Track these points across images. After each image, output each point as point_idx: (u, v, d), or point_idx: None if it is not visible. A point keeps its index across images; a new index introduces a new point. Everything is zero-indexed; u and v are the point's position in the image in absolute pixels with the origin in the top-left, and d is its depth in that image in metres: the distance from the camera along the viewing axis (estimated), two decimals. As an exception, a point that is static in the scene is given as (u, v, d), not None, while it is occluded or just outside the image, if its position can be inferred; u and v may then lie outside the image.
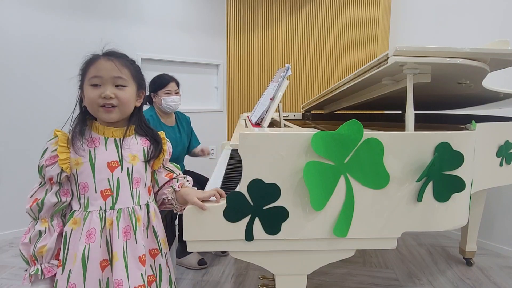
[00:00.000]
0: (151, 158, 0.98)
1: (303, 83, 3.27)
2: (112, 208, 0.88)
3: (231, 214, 0.94)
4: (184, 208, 0.94)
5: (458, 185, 1.03)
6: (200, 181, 2.04)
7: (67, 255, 0.86)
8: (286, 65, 1.44)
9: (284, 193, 0.95)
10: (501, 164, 1.65)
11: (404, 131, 1.08)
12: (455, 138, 1.01)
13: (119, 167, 0.90)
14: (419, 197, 1.00)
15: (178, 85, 2.11)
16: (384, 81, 1.35)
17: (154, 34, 2.98)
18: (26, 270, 0.87)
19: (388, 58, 1.06)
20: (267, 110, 1.43)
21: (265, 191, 0.94)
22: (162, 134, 1.05)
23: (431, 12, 2.62)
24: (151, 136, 1.00)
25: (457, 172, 1.02)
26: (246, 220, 0.95)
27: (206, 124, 3.43)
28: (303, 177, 0.92)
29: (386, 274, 1.99)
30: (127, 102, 0.91)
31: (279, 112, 1.60)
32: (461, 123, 1.58)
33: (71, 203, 0.91)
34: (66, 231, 0.87)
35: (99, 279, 0.86)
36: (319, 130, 0.94)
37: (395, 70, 1.15)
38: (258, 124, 1.53)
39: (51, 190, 0.88)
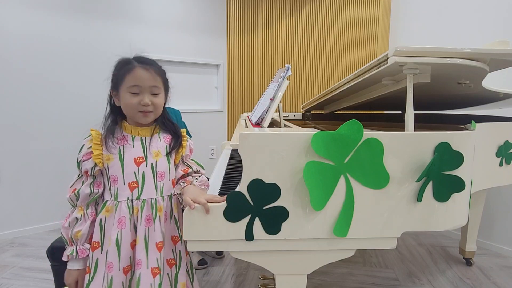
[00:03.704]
0: (171, 150, 1.08)
1: (303, 83, 3.27)
2: (138, 198, 1.00)
3: (231, 214, 0.95)
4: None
5: (458, 185, 1.03)
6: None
7: (104, 237, 1.00)
8: (286, 65, 1.44)
9: (284, 193, 0.95)
10: (500, 164, 1.66)
11: (404, 131, 1.08)
12: (455, 138, 1.01)
13: (144, 162, 1.02)
14: (419, 197, 1.00)
15: None
16: (384, 81, 1.35)
17: (154, 34, 2.98)
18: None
19: (388, 58, 1.06)
20: (267, 110, 1.43)
21: (265, 191, 0.94)
22: (183, 131, 1.14)
23: (431, 12, 2.62)
24: (172, 131, 1.10)
25: (457, 172, 1.02)
26: (246, 220, 0.95)
27: (206, 124, 3.43)
28: (303, 177, 0.92)
29: (386, 274, 1.99)
30: (160, 107, 1.05)
31: (279, 112, 1.60)
32: (461, 123, 1.58)
33: (103, 193, 1.03)
34: (101, 218, 1.00)
35: (130, 257, 1.01)
36: (319, 130, 0.94)
37: (395, 70, 1.16)
38: (258, 124, 1.53)
39: (86, 182, 1.00)
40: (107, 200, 1.00)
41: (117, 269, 0.98)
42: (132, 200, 1.00)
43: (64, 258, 1.02)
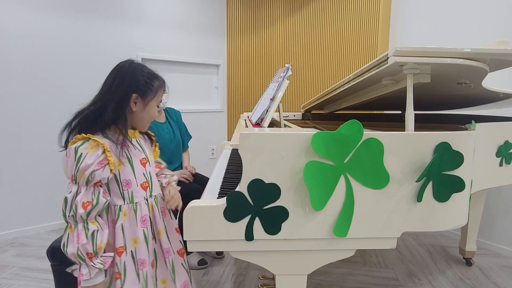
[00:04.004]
0: (151, 147, 1.18)
1: (303, 83, 3.27)
2: (150, 196, 1.09)
3: (231, 214, 0.95)
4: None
5: (458, 185, 1.03)
6: (200, 181, 2.04)
7: (126, 241, 1.02)
8: (286, 65, 1.44)
9: (284, 193, 0.95)
10: (500, 164, 1.66)
11: (404, 131, 1.08)
12: (455, 138, 1.01)
13: (148, 162, 1.10)
14: (419, 197, 1.00)
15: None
16: (384, 81, 1.35)
17: (154, 34, 2.98)
18: (75, 269, 0.95)
19: (388, 58, 1.06)
20: (267, 110, 1.43)
21: (265, 191, 0.94)
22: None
23: (431, 12, 2.62)
24: (146, 132, 1.17)
25: (457, 172, 1.03)
26: (246, 220, 0.95)
27: (206, 124, 3.43)
28: (303, 177, 0.92)
29: (386, 274, 1.99)
30: None
31: (279, 112, 1.60)
32: (461, 123, 1.58)
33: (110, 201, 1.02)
34: (122, 224, 1.01)
35: (154, 249, 1.09)
36: (319, 130, 0.95)
37: (395, 70, 1.16)
38: (258, 124, 1.53)
39: (99, 191, 0.95)
40: (121, 205, 1.02)
41: (148, 264, 1.06)
42: (147, 198, 1.07)
43: (86, 276, 0.93)
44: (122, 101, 0.99)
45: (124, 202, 1.02)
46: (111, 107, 0.98)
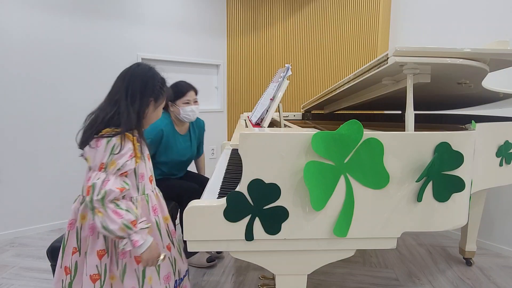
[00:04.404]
0: None
1: (303, 83, 3.27)
2: (155, 188, 1.20)
3: (231, 214, 0.95)
4: None
5: (458, 185, 1.03)
6: (200, 181, 2.04)
7: None
8: (286, 65, 1.44)
9: (284, 193, 0.95)
10: (500, 164, 1.66)
11: (404, 131, 1.08)
12: (455, 138, 1.01)
13: (150, 158, 1.19)
14: (419, 197, 1.00)
15: (196, 93, 1.97)
16: (384, 81, 1.35)
17: (154, 34, 2.98)
18: (126, 243, 1.00)
19: (388, 58, 1.06)
20: (267, 110, 1.43)
21: (265, 191, 0.94)
22: None
23: (431, 12, 2.62)
24: None
25: (457, 172, 1.03)
26: (246, 220, 0.95)
27: (206, 124, 3.43)
28: (303, 177, 0.92)
29: (386, 274, 1.99)
30: None
31: (279, 112, 1.60)
32: (461, 123, 1.58)
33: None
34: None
35: (166, 230, 1.21)
36: (319, 130, 0.95)
37: (395, 70, 1.16)
38: (258, 124, 1.53)
39: (124, 179, 1.03)
40: (136, 196, 1.09)
41: (162, 247, 1.15)
42: (153, 190, 1.17)
43: (141, 241, 1.01)
44: (141, 105, 1.08)
45: (138, 193, 1.10)
46: (132, 110, 1.05)
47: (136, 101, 1.07)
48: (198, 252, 2.00)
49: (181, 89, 1.89)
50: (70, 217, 1.10)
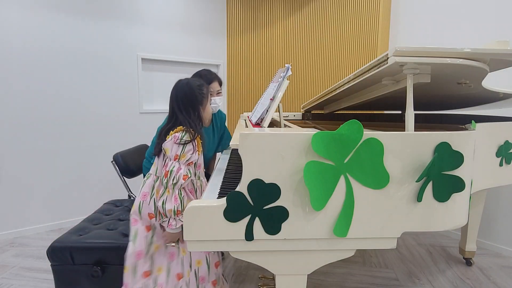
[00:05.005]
0: None
1: (303, 83, 3.27)
2: (204, 177, 1.45)
3: (231, 214, 0.95)
4: None
5: (458, 185, 1.03)
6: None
7: None
8: (286, 65, 1.44)
9: (284, 193, 0.95)
10: (500, 164, 1.66)
11: (404, 131, 1.08)
12: (455, 138, 1.01)
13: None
14: (419, 197, 1.00)
15: (220, 84, 1.90)
16: (384, 81, 1.35)
17: (154, 34, 2.98)
18: (165, 221, 1.26)
19: (388, 58, 1.06)
20: (267, 110, 1.43)
21: (265, 191, 0.94)
22: None
23: (431, 12, 2.62)
24: None
25: (457, 172, 1.03)
26: (246, 220, 0.95)
27: (206, 124, 3.43)
28: (303, 177, 0.92)
29: (386, 274, 1.99)
30: None
31: (279, 112, 1.60)
32: (461, 123, 1.58)
33: None
34: (196, 193, 1.37)
35: None
36: (319, 130, 0.95)
37: (395, 70, 1.16)
38: (258, 124, 1.53)
39: (189, 170, 1.28)
40: (192, 180, 1.34)
41: None
42: (204, 177, 1.44)
43: (173, 226, 1.25)
44: (195, 114, 1.36)
45: (195, 178, 1.37)
46: (191, 119, 1.34)
47: (190, 113, 1.35)
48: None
49: (205, 80, 1.77)
50: (144, 190, 1.34)
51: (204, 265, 1.38)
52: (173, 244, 1.34)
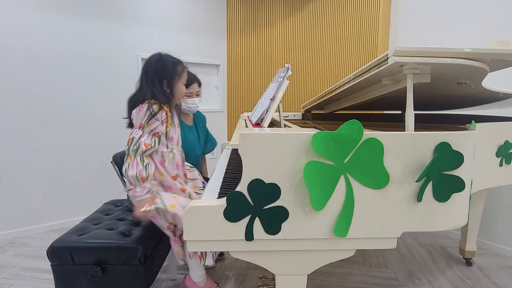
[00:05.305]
0: None
1: (303, 83, 3.27)
2: (180, 150, 1.57)
3: (231, 214, 0.95)
4: None
5: (458, 185, 1.03)
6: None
7: (169, 174, 1.49)
8: (286, 65, 1.44)
9: (284, 193, 0.95)
10: (500, 164, 1.66)
11: (404, 131, 1.08)
12: (455, 138, 1.01)
13: (180, 128, 1.57)
14: (419, 197, 1.00)
15: (200, 85, 1.97)
16: (384, 81, 1.35)
17: (154, 34, 2.98)
18: (130, 189, 1.34)
19: (388, 58, 1.06)
20: (267, 110, 1.43)
21: (265, 191, 0.94)
22: None
23: (431, 12, 2.62)
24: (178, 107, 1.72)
25: (457, 172, 1.03)
26: (246, 220, 0.95)
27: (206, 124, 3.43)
28: (303, 177, 0.92)
29: (386, 274, 1.99)
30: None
31: (279, 112, 1.60)
32: (461, 123, 1.58)
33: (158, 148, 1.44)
34: (166, 164, 1.46)
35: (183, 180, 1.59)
36: (319, 130, 0.95)
37: (395, 70, 1.16)
38: (258, 124, 1.53)
39: (155, 139, 1.38)
40: (164, 151, 1.44)
41: (177, 190, 1.49)
42: (178, 151, 1.54)
43: (139, 193, 1.32)
44: (159, 87, 1.40)
45: (167, 150, 1.45)
46: (156, 91, 1.38)
47: (156, 84, 1.39)
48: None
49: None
50: None
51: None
52: (148, 208, 1.33)
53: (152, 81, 1.40)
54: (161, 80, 1.41)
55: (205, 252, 1.45)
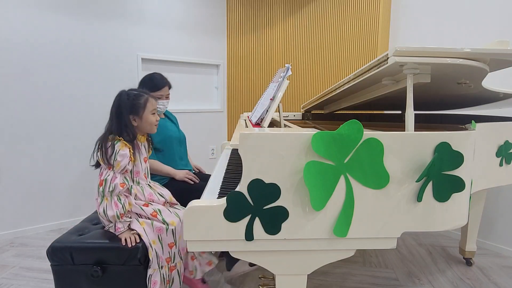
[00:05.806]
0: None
1: (303, 83, 3.27)
2: (149, 182, 1.57)
3: (231, 214, 0.95)
4: None
5: (458, 185, 1.03)
6: (200, 177, 2.04)
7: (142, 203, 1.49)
8: (286, 65, 1.44)
9: (284, 193, 0.95)
10: (500, 164, 1.66)
11: (404, 131, 1.08)
12: (455, 138, 1.01)
13: (147, 160, 1.57)
14: (419, 197, 1.00)
15: (170, 87, 2.00)
16: (384, 81, 1.35)
17: (154, 34, 2.98)
18: (111, 226, 1.39)
19: (388, 58, 1.06)
20: (267, 110, 1.43)
21: (265, 191, 0.94)
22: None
23: (431, 12, 2.62)
24: (149, 138, 1.62)
25: (457, 172, 1.03)
26: (246, 220, 0.95)
27: (206, 124, 3.43)
28: (303, 177, 0.92)
29: (386, 274, 1.99)
30: None
31: (279, 112, 1.60)
32: (461, 123, 1.58)
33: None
34: (134, 196, 1.46)
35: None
36: (319, 130, 0.95)
37: (395, 70, 1.16)
38: (258, 124, 1.53)
39: (125, 177, 1.41)
40: (131, 185, 1.45)
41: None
42: (147, 184, 1.54)
43: (121, 229, 1.37)
44: (126, 122, 1.43)
45: (134, 184, 1.47)
46: (122, 127, 1.41)
47: (122, 121, 1.41)
48: (238, 260, 1.98)
49: (156, 84, 1.90)
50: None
51: (158, 244, 1.42)
52: (133, 236, 1.37)
53: (118, 119, 1.42)
54: (128, 116, 1.44)
55: (196, 266, 1.55)
